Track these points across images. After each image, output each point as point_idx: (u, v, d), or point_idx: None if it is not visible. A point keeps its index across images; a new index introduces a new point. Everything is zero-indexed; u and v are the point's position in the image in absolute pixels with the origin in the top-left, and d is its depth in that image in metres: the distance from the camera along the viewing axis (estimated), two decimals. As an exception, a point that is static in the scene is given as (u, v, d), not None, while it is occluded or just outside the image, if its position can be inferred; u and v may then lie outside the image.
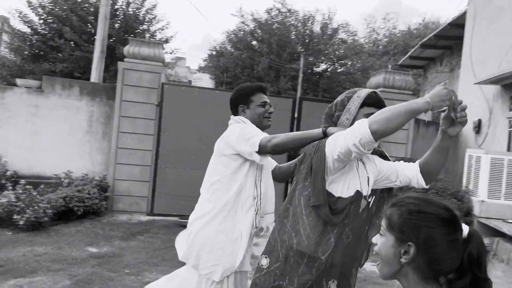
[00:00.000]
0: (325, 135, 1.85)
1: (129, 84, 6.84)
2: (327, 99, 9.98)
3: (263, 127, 2.28)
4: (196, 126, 6.91)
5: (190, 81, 23.66)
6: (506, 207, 6.01)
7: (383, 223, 1.07)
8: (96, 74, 8.53)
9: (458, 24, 9.69)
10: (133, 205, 6.87)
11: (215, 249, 2.11)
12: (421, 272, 0.99)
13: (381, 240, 1.06)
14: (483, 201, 6.06)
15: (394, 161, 2.06)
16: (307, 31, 20.61)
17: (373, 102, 1.84)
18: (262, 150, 2.00)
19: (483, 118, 7.88)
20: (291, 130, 7.04)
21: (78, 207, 5.85)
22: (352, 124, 1.79)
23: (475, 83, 7.51)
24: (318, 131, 1.90)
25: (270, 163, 2.44)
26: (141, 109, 6.86)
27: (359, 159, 1.85)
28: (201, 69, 28.97)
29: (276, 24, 20.35)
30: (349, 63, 21.18)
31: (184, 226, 6.77)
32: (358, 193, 1.78)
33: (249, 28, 20.63)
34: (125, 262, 4.43)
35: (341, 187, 1.75)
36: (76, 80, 8.11)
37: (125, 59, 6.95)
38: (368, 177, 1.86)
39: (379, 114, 1.53)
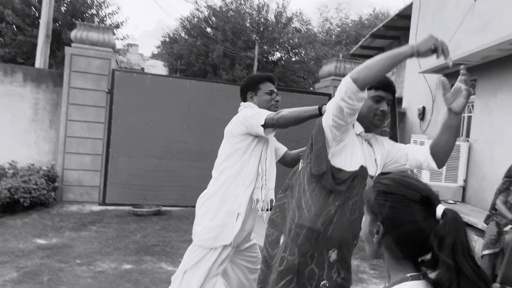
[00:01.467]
0: (320, 111, 1.98)
1: (77, 71, 6.59)
2: (281, 87, 10.07)
3: None
4: (149, 114, 6.79)
5: (143, 68, 23.04)
6: (446, 189, 6.42)
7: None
8: (41, 59, 8.11)
9: (405, 16, 10.09)
10: (84, 195, 6.69)
11: (214, 220, 2.28)
12: (392, 252, 1.00)
13: (363, 219, 1.10)
14: (425, 183, 6.43)
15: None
16: (262, 19, 20.63)
17: (381, 85, 1.81)
18: (268, 124, 2.15)
19: (427, 105, 8.31)
20: (246, 118, 7.09)
21: (24, 198, 5.61)
22: None
23: (419, 72, 7.88)
24: (314, 107, 2.03)
25: (280, 149, 2.61)
26: (91, 96, 6.64)
27: (364, 139, 1.88)
28: (154, 56, 28.28)
29: (230, 11, 20.20)
30: (303, 52, 21.47)
31: (137, 215, 6.69)
32: (363, 169, 1.79)
33: (204, 15, 20.35)
34: (76, 252, 4.32)
35: (343, 160, 1.76)
36: (20, 66, 7.69)
37: (73, 45, 6.68)
38: (375, 158, 1.89)
39: (361, 64, 1.54)
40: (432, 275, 0.98)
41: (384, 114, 1.84)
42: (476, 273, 0.90)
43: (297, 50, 21.32)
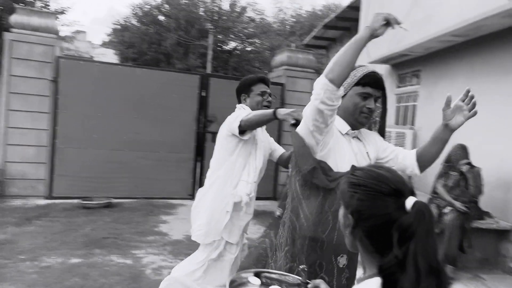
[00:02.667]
0: (275, 115, 2.02)
1: (18, 58, 6.22)
2: (235, 77, 10.04)
3: None
4: (98, 103, 6.56)
5: (92, 57, 22.14)
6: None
7: None
8: (-23, 45, 7.57)
9: (356, 7, 10.33)
10: (29, 188, 6.37)
11: (205, 217, 2.43)
12: (363, 245, 0.98)
13: (339, 211, 1.08)
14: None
15: None
16: (216, 8, 20.38)
17: (370, 82, 1.75)
18: (241, 126, 2.27)
19: (376, 95, 8.60)
20: (199, 108, 7.03)
21: (-39, 194, 5.26)
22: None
23: (368, 62, 8.12)
24: (271, 111, 2.07)
25: (276, 151, 2.73)
26: (34, 85, 6.30)
27: (353, 137, 1.84)
28: (105, 44, 27.21)
29: (184, -1, 19.78)
30: (258, 41, 21.47)
31: (87, 208, 6.46)
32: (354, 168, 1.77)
33: (156, 2, 19.79)
34: (19, 248, 4.13)
35: (333, 164, 1.70)
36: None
37: (13, 30, 6.29)
38: (367, 152, 1.85)
39: (330, 63, 1.52)
40: None
41: (371, 111, 1.79)
42: (420, 278, 0.84)
43: (252, 40, 21.27)
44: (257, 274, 1.48)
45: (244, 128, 2.28)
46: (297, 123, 1.77)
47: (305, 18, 27.81)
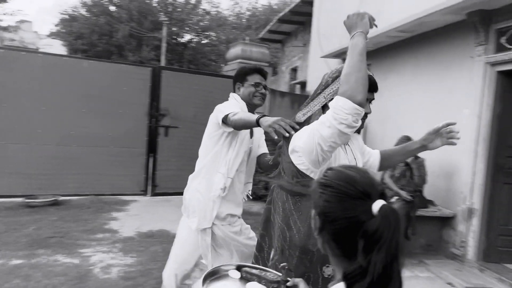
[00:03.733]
0: (258, 123, 1.97)
1: (-49, 47, 5.77)
2: (188, 69, 9.89)
3: (253, 105, 2.50)
4: (42, 96, 6.22)
5: (38, 48, 21.02)
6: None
7: None
8: None
9: (310, 2, 10.46)
10: (-34, 188, 5.97)
11: (192, 205, 2.47)
12: (331, 248, 0.94)
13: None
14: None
15: None
16: (170, 0, 19.96)
17: (369, 86, 1.64)
18: (225, 121, 2.25)
19: (328, 88, 8.76)
20: (151, 101, 6.86)
21: None
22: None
23: (321, 57, 8.26)
24: (254, 118, 2.00)
25: (260, 148, 2.68)
26: (-30, 77, 5.88)
27: (346, 144, 1.83)
28: (52, 35, 25.92)
29: (136, -11, 19.18)
30: (214, 35, 21.27)
31: (31, 206, 6.14)
32: None
33: (106, -9, 19.08)
34: (-47, 251, 3.85)
35: None
36: None
37: None
38: (355, 157, 1.84)
39: (348, 82, 1.42)
40: None
41: (366, 116, 1.75)
42: (386, 276, 0.81)
43: (207, 33, 21.04)
44: (239, 268, 1.46)
45: (228, 125, 2.26)
46: (289, 136, 1.69)
47: (261, 12, 27.87)
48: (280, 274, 1.42)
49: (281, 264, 1.57)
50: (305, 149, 1.58)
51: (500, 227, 4.48)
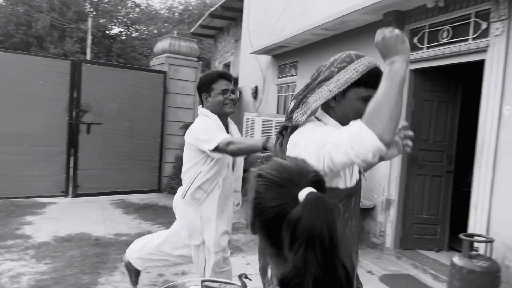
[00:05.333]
0: (265, 148, 1.91)
1: None
2: (111, 63, 9.46)
3: (224, 114, 2.41)
4: None
5: None
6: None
7: None
8: None
9: (240, -3, 10.44)
10: None
11: (189, 223, 2.45)
12: (267, 246, 0.87)
13: None
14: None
15: (182, 126, 2.12)
16: (96, -10, 18.96)
17: (373, 82, 1.38)
18: (219, 150, 2.20)
19: (259, 85, 8.82)
20: (71, 95, 6.44)
21: None
22: (333, 97, 1.44)
23: (250, 53, 8.28)
24: (259, 144, 1.95)
25: None
26: None
27: None
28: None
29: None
30: (144, 28, 20.58)
31: None
32: (359, 183, 1.55)
33: (24, -22, 17.64)
34: None
35: (343, 178, 1.45)
36: None
37: None
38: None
39: (379, 115, 1.18)
40: None
41: None
42: (328, 276, 0.74)
43: (137, 26, 20.29)
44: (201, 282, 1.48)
45: (227, 154, 2.23)
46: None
47: (194, 6, 27.43)
48: (239, 285, 1.40)
49: (239, 273, 1.51)
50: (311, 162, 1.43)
51: (415, 216, 4.77)
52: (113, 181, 6.72)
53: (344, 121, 1.44)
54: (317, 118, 1.52)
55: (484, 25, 3.71)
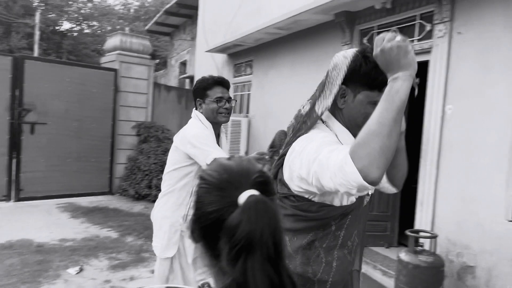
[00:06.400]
0: None
1: None
2: (58, 60, 9.05)
3: (218, 123, 2.32)
4: None
5: None
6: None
7: None
8: None
9: (196, -5, 10.28)
10: None
11: (160, 231, 2.37)
12: (209, 257, 0.77)
13: None
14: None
15: (134, 125, 1.96)
16: (45, -17, 18.09)
17: (382, 84, 1.18)
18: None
19: (215, 83, 8.71)
20: (12, 94, 6.06)
21: None
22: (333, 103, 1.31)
23: (205, 51, 8.17)
24: None
25: None
26: None
27: None
28: None
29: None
30: (97, 24, 19.88)
31: None
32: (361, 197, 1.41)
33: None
34: None
35: (340, 195, 1.32)
36: None
37: None
38: None
39: (368, 146, 1.00)
40: None
41: None
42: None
43: (90, 22, 19.57)
44: None
45: None
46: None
47: (150, 3, 26.86)
48: None
49: (202, 282, 1.40)
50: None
51: (366, 213, 4.87)
52: (60, 184, 6.40)
53: (351, 126, 1.32)
54: (322, 121, 1.37)
55: (428, 27, 3.83)
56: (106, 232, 4.87)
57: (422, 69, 3.99)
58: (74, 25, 19.57)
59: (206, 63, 9.08)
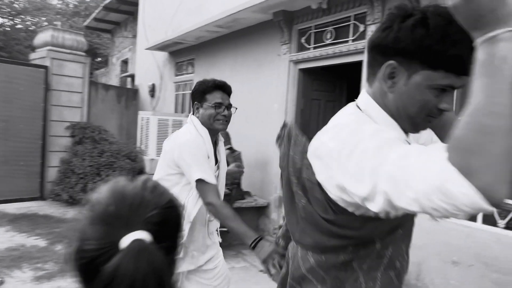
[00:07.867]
0: (253, 248, 1.67)
1: None
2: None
3: (214, 130, 2.13)
4: None
5: None
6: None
7: None
8: None
9: (136, -9, 9.94)
10: None
11: None
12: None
13: None
14: (152, 159, 6.54)
15: (68, 126, 1.69)
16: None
17: (460, 63, 0.85)
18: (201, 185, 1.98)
19: (156, 82, 8.47)
20: None
21: None
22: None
23: (145, 49, 7.91)
24: (249, 240, 1.72)
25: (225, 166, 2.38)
26: None
27: None
28: None
29: None
30: (32, 19, 18.71)
31: None
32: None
33: None
34: None
35: None
36: None
37: None
38: None
39: (482, 149, 0.64)
40: None
41: (442, 112, 0.96)
42: None
43: (23, 17, 18.37)
44: None
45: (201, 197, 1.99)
46: None
47: (90, -2, 25.73)
48: None
49: None
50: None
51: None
52: (-17, 190, 5.91)
53: (399, 117, 0.97)
54: (358, 107, 1.03)
55: (361, 28, 3.91)
56: (33, 241, 4.54)
57: (357, 69, 4.08)
58: (6, 20, 18.27)
59: (146, 61, 8.81)
